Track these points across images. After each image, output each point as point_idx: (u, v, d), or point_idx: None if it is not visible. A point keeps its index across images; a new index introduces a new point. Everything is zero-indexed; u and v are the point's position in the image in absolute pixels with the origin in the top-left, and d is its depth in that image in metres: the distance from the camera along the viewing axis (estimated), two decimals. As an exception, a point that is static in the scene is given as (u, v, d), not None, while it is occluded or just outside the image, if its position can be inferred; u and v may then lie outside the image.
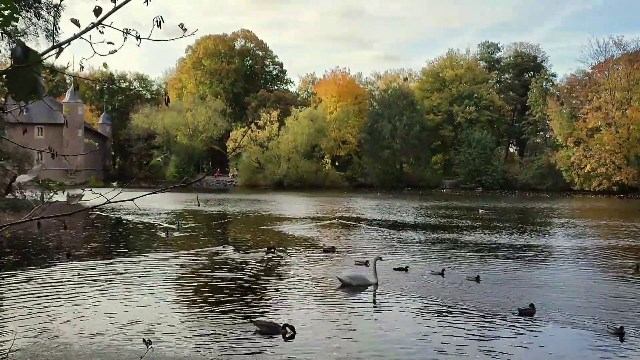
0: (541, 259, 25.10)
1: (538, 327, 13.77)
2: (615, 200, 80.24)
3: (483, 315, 14.79)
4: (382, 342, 12.53)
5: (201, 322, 14.03)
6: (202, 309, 15.48)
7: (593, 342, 12.67)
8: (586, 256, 26.10)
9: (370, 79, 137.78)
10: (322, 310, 15.37)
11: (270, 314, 14.87)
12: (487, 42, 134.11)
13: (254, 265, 22.69)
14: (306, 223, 40.44)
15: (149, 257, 23.70)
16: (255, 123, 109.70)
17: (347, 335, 13.02)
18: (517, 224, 42.29)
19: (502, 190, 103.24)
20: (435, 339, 12.76)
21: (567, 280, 20.06)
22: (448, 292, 17.25)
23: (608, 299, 16.85)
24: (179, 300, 16.73)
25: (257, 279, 19.70)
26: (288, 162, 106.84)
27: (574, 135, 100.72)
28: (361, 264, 21.24)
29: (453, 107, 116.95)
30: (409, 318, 14.65)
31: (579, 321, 14.29)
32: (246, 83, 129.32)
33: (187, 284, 19.07)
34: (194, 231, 34.32)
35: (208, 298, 16.71)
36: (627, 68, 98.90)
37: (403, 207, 57.97)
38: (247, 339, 12.54)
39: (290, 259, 24.00)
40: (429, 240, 30.92)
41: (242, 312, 15.27)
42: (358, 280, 17.70)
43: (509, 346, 12.31)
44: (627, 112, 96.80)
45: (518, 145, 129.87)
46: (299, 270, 21.51)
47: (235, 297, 16.99)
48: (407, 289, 17.56)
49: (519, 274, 20.93)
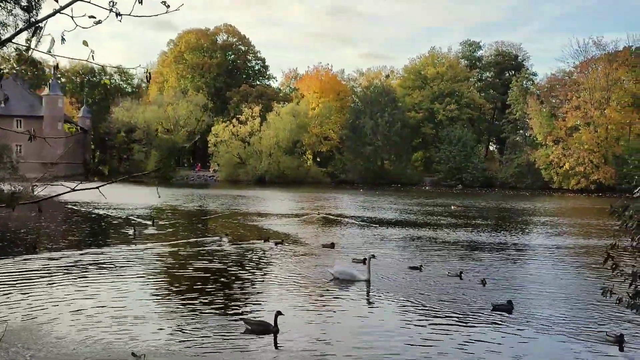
0: (521, 257, 25.49)
1: (516, 324, 14.00)
2: (593, 199, 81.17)
3: (465, 312, 15.03)
4: (362, 336, 12.71)
5: (188, 318, 14.11)
6: (188, 304, 15.56)
7: (570, 339, 12.95)
8: (564, 255, 26.53)
9: (353, 76, 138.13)
10: (309, 304, 15.57)
11: (257, 308, 15.00)
12: (469, 40, 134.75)
13: (245, 259, 22.86)
14: (292, 219, 40.61)
15: (118, 253, 23.58)
16: (237, 118, 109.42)
17: (329, 329, 13.20)
18: (498, 221, 42.80)
19: (481, 188, 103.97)
20: (414, 334, 12.99)
21: (545, 277, 20.42)
22: (434, 289, 17.48)
23: (585, 297, 17.18)
24: (165, 297, 16.78)
25: (251, 273, 19.88)
26: (269, 158, 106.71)
27: (553, 134, 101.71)
28: (359, 261, 21.43)
29: (434, 105, 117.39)
30: (391, 313, 14.89)
31: (556, 319, 14.58)
32: (228, 78, 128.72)
33: (169, 279, 19.12)
34: (171, 227, 33.92)
35: (193, 293, 16.78)
36: (606, 68, 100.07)
37: (391, 204, 58.36)
38: (234, 336, 12.65)
39: (284, 254, 24.19)
40: (420, 238, 31.27)
41: (230, 306, 15.41)
42: (346, 275, 17.99)
43: (486, 343, 12.55)
44: (606, 112, 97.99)
45: (498, 143, 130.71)
46: (293, 264, 21.70)
47: (225, 291, 17.11)
48: (397, 286, 17.82)
49: (500, 271, 21.23)
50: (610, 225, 39.54)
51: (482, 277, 18.67)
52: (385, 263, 21.87)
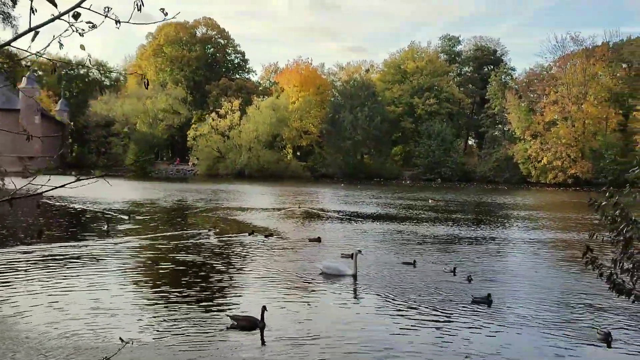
0: (502, 251, 25.69)
1: (496, 317, 14.10)
2: (571, 193, 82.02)
3: (447, 306, 15.10)
4: (346, 330, 12.72)
5: (171, 313, 14.02)
6: (170, 299, 15.47)
7: (547, 333, 13.06)
8: (544, 248, 26.78)
9: (333, 70, 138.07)
10: (296, 299, 15.57)
11: (243, 302, 14.96)
12: (448, 35, 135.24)
13: (231, 253, 22.81)
14: (274, 213, 40.55)
15: (93, 247, 23.34)
16: (217, 111, 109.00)
17: (314, 324, 13.20)
18: (478, 216, 43.11)
19: (460, 182, 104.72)
20: (395, 327, 13.03)
21: (526, 271, 20.57)
22: (419, 283, 17.55)
23: (562, 290, 17.35)
24: (146, 291, 16.67)
25: (237, 267, 19.85)
26: (249, 152, 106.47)
27: (531, 128, 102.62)
28: (347, 256, 21.44)
29: (414, 99, 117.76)
30: (375, 307, 14.91)
31: (535, 312, 14.71)
32: (207, 71, 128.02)
33: (149, 273, 18.98)
34: (149, 222, 33.44)
35: (175, 287, 16.68)
36: (583, 64, 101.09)
37: (373, 198, 58.55)
38: (219, 331, 12.58)
39: (270, 248, 24.15)
40: (403, 232, 31.38)
41: (216, 300, 15.35)
42: (333, 270, 18.09)
43: (465, 335, 12.62)
44: (583, 107, 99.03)
45: (477, 137, 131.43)
46: (281, 259, 21.68)
47: (211, 285, 17.03)
48: (383, 280, 17.86)
49: (481, 265, 21.37)
50: (589, 219, 40.04)
51: (468, 273, 18.61)
52: (375, 258, 21.89)
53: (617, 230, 6.55)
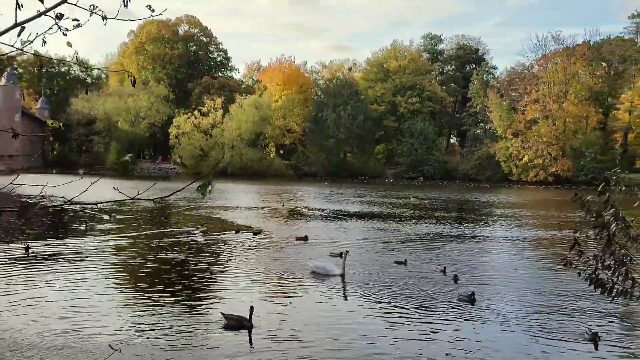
0: (486, 248, 25.91)
1: (479, 316, 14.23)
2: (552, 191, 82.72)
3: (432, 305, 15.24)
4: (332, 330, 12.81)
5: (158, 312, 14.03)
6: (156, 298, 15.48)
7: (532, 331, 13.24)
8: (527, 246, 27.03)
9: (316, 68, 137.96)
10: (284, 299, 15.61)
11: (232, 301, 14.97)
12: (431, 33, 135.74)
13: (217, 251, 22.82)
14: (259, 211, 40.56)
15: (73, 247, 23.20)
16: (199, 110, 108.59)
17: (301, 324, 13.28)
18: (463, 214, 43.37)
19: (442, 180, 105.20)
20: (379, 327, 13.12)
21: (508, 269, 20.77)
22: (406, 282, 17.63)
23: (546, 288, 17.54)
24: (130, 290, 16.65)
25: (224, 266, 19.87)
26: (232, 150, 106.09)
27: (512, 126, 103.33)
28: (335, 255, 21.47)
29: (396, 98, 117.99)
30: (360, 307, 15.00)
31: (519, 311, 14.89)
32: (190, 69, 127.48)
33: (135, 272, 18.97)
34: (130, 221, 33.16)
35: (161, 287, 16.68)
36: (564, 62, 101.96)
37: (357, 197, 58.71)
38: (207, 331, 12.61)
39: (257, 247, 24.18)
40: (389, 230, 31.56)
41: (204, 300, 15.36)
42: (322, 269, 18.16)
43: (449, 334, 12.75)
44: (564, 105, 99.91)
45: (459, 136, 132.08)
46: (268, 258, 21.68)
47: (199, 284, 17.03)
48: (370, 279, 17.93)
49: (466, 263, 21.53)
50: (572, 217, 40.45)
51: (454, 272, 18.68)
52: (362, 257, 22.01)
53: (602, 227, 6.69)
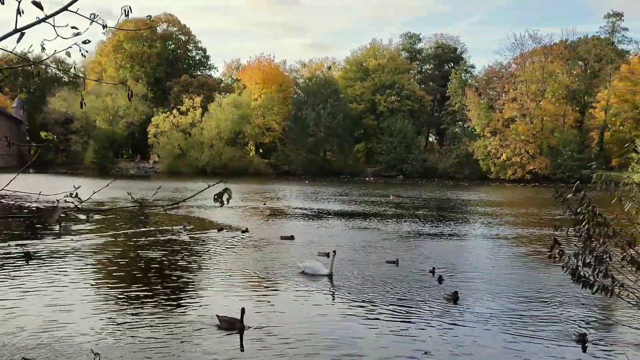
0: (467, 247, 26.09)
1: (463, 315, 14.31)
2: (530, 189, 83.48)
3: (417, 305, 15.30)
4: (310, 329, 12.86)
5: (142, 314, 13.99)
6: (141, 299, 15.42)
7: (517, 331, 13.40)
8: (507, 244, 27.19)
9: (295, 67, 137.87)
10: (273, 299, 15.61)
11: (220, 303, 14.93)
12: (409, 32, 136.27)
13: (201, 250, 22.78)
14: (241, 210, 40.47)
15: (46, 246, 23.02)
16: (178, 108, 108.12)
17: (290, 325, 13.34)
18: (444, 212, 43.57)
19: (422, 179, 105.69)
20: (361, 327, 13.09)
21: (491, 267, 20.91)
22: (393, 282, 17.63)
23: (529, 286, 17.70)
24: (110, 292, 16.56)
25: (209, 266, 19.75)
26: (211, 149, 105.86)
27: (490, 125, 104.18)
28: (323, 254, 21.48)
29: (375, 97, 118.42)
30: (346, 307, 14.91)
31: (502, 310, 15.04)
32: (168, 68, 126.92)
33: (115, 273, 18.89)
34: (109, 221, 32.30)
35: (145, 287, 16.62)
36: (541, 61, 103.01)
37: (339, 195, 58.81)
38: (195, 332, 12.59)
39: (243, 246, 24.13)
40: (372, 229, 31.67)
41: (189, 301, 15.32)
42: (310, 269, 18.15)
43: (431, 333, 12.83)
44: (541, 104, 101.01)
45: (438, 134, 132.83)
46: (254, 257, 21.59)
47: (183, 285, 16.98)
48: (355, 279, 17.92)
49: (449, 262, 21.60)
50: (552, 215, 40.88)
51: (438, 273, 18.46)
52: (348, 256, 21.92)
53: (581, 224, 6.84)
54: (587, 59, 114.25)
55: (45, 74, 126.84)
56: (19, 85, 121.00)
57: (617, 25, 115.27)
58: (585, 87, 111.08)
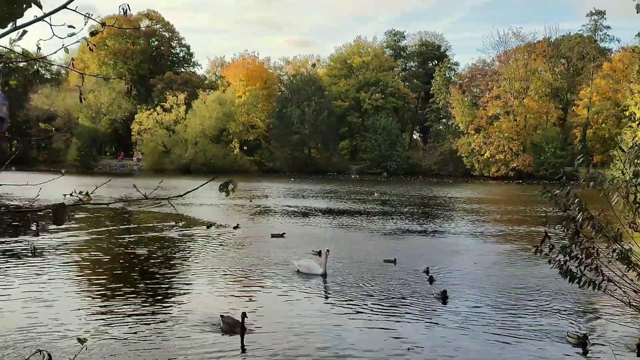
0: (455, 244, 26.09)
1: (452, 314, 14.14)
2: (514, 186, 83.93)
3: (403, 303, 15.20)
4: (293, 328, 12.78)
5: (128, 312, 13.90)
6: (125, 300, 15.33)
7: (505, 330, 13.46)
8: (496, 242, 27.25)
9: (279, 64, 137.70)
10: (267, 299, 15.37)
11: (212, 302, 14.83)
12: (394, 30, 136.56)
13: (191, 248, 22.68)
14: (228, 208, 40.40)
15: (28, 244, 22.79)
16: (161, 106, 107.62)
17: (271, 321, 13.30)
18: (432, 210, 43.60)
19: (406, 176, 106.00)
20: (348, 327, 12.98)
21: (480, 265, 20.83)
22: (385, 281, 17.39)
23: (518, 283, 17.71)
24: (95, 289, 16.46)
25: (199, 264, 19.58)
26: (195, 146, 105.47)
27: (474, 122, 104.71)
28: (316, 253, 21.24)
29: (360, 94, 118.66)
30: (338, 307, 14.67)
31: (490, 307, 15.08)
32: (152, 65, 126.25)
33: (99, 270, 18.77)
34: (90, 220, 31.44)
35: (130, 287, 16.53)
36: (524, 59, 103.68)
37: (325, 192, 58.82)
38: (182, 332, 12.54)
39: (232, 244, 23.99)
40: (361, 227, 31.66)
41: (177, 299, 15.24)
42: (304, 268, 17.91)
43: (419, 333, 12.79)
44: (525, 101, 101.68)
45: (422, 132, 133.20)
46: (245, 255, 21.38)
47: (168, 283, 16.87)
48: (347, 279, 17.65)
49: (438, 260, 21.42)
50: (537, 212, 41.07)
51: (430, 274, 17.89)
52: (344, 254, 21.57)
53: (569, 219, 6.89)
54: (569, 57, 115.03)
55: (27, 70, 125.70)
56: (1, 81, 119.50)
57: (600, 23, 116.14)
58: (568, 85, 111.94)
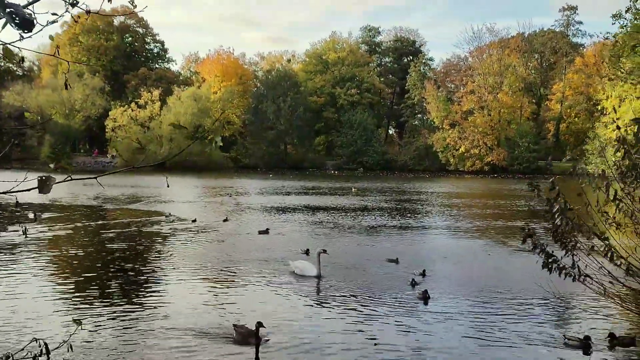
0: (433, 240, 26.15)
1: (432, 314, 14.23)
2: (489, 180, 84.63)
3: (394, 300, 15.22)
4: (278, 326, 12.80)
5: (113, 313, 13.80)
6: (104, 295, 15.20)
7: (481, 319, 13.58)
8: (474, 236, 27.32)
9: (254, 60, 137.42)
10: (252, 296, 15.25)
11: (201, 303, 14.76)
12: (369, 25, 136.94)
13: (175, 243, 22.47)
14: (209, 205, 40.20)
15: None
16: (136, 102, 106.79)
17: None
18: (413, 205, 43.54)
19: (382, 171, 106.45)
20: (333, 326, 12.93)
21: (462, 261, 20.81)
22: (377, 280, 16.89)
23: (497, 278, 17.82)
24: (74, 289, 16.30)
25: (185, 261, 19.36)
26: (170, 143, 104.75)
27: (449, 117, 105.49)
28: (303, 252, 20.78)
29: (335, 90, 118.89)
30: (328, 309, 14.69)
31: (472, 307, 15.18)
32: (126, 61, 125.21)
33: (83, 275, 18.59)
34: (61, 222, 29.17)
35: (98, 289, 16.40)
36: (498, 54, 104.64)
37: (304, 188, 58.62)
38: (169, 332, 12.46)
39: (216, 240, 23.79)
40: (337, 224, 31.56)
41: (156, 299, 15.13)
42: (298, 269, 17.24)
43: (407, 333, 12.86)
44: (499, 96, 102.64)
45: (397, 127, 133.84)
46: (231, 252, 21.06)
47: (148, 281, 16.72)
48: (338, 279, 17.03)
49: (421, 256, 21.46)
50: (517, 206, 41.38)
51: (413, 276, 16.90)
52: (336, 253, 20.52)
53: (554, 214, 7.03)
54: (543, 52, 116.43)
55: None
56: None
57: (572, 18, 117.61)
58: (541, 80, 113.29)
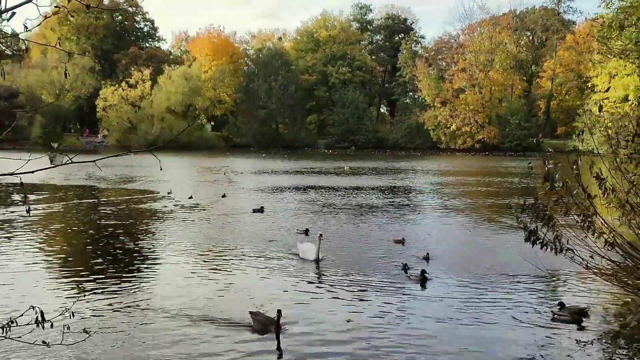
0: (427, 217, 26.27)
1: (428, 295, 13.79)
2: (480, 157, 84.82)
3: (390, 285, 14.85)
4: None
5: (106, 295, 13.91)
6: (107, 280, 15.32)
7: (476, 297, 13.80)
8: (462, 213, 27.59)
9: (245, 38, 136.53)
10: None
11: (198, 287, 14.78)
12: (360, 3, 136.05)
13: (171, 222, 22.59)
14: (202, 183, 40.28)
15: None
16: (126, 81, 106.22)
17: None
18: (409, 183, 43.65)
19: (374, 149, 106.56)
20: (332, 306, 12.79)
21: (458, 241, 21.03)
22: (379, 262, 16.86)
23: (485, 251, 18.06)
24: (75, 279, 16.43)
25: (181, 240, 19.51)
26: (162, 122, 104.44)
27: (440, 95, 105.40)
28: (301, 232, 20.80)
29: (327, 68, 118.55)
30: (327, 291, 14.22)
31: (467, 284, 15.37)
32: (116, 40, 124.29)
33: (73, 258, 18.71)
34: (56, 208, 28.14)
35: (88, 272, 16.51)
36: (490, 31, 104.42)
37: (298, 167, 58.85)
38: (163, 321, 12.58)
39: (209, 219, 23.98)
40: (335, 203, 31.71)
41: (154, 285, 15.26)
42: (300, 252, 17.10)
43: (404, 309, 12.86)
44: (490, 74, 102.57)
45: (389, 105, 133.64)
46: (225, 232, 21.30)
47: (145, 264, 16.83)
48: (340, 261, 16.95)
49: (418, 235, 21.17)
50: (511, 184, 41.55)
51: (404, 261, 16.28)
52: (331, 233, 20.84)
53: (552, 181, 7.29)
54: (534, 29, 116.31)
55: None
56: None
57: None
58: (532, 57, 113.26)
